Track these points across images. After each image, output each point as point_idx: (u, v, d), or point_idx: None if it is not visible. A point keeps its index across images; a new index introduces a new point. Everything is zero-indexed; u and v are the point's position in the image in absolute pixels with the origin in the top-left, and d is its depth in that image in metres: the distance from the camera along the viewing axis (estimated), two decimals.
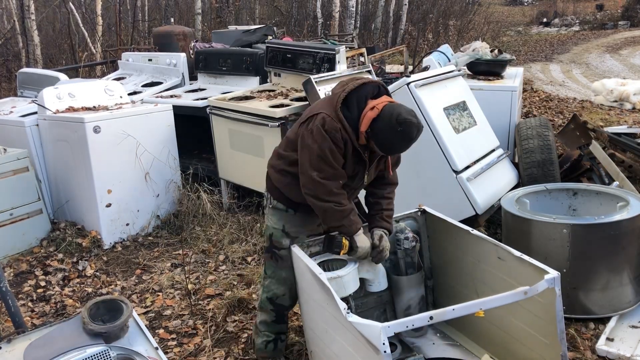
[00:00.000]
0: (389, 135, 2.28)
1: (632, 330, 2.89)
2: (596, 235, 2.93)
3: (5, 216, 4.17)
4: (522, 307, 2.23)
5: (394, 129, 2.25)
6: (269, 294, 2.64)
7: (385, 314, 2.87)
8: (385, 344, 1.81)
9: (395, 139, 2.28)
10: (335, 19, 13.53)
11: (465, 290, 2.64)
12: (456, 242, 2.65)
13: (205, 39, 10.10)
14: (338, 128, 2.30)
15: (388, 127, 2.26)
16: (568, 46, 15.93)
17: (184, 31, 7.77)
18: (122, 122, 4.31)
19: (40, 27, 11.20)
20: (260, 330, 2.71)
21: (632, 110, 7.55)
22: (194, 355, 2.97)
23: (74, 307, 3.52)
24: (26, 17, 9.55)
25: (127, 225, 4.45)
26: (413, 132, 2.26)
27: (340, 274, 2.40)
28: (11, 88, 8.75)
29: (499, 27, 19.68)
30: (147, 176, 4.49)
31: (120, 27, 11.31)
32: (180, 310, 3.41)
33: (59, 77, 5.72)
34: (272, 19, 15.29)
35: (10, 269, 3.97)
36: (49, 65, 10.00)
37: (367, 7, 17.37)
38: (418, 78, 3.83)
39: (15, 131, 4.60)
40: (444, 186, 3.66)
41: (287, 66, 5.05)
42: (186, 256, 4.03)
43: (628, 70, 11.33)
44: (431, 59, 5.84)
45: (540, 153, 4.01)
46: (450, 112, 3.86)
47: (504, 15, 26.20)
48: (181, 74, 6.07)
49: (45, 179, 4.63)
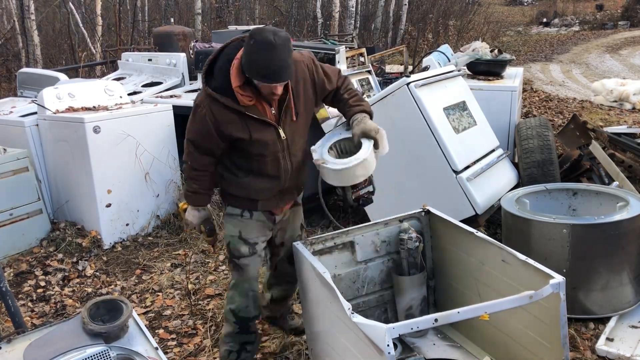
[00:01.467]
0: (249, 57, 2.14)
1: (632, 330, 2.89)
2: (596, 235, 2.93)
3: (5, 216, 4.16)
4: (525, 310, 2.22)
5: (251, 48, 2.12)
6: (232, 306, 2.55)
7: (386, 313, 2.87)
8: (389, 345, 1.81)
9: (256, 55, 2.12)
10: (335, 19, 13.53)
11: (467, 292, 2.63)
12: (460, 244, 2.64)
13: (205, 39, 10.10)
14: (203, 104, 2.28)
15: (246, 53, 2.15)
16: (568, 46, 15.94)
17: (184, 31, 7.77)
18: (122, 122, 4.31)
19: (40, 27, 11.19)
20: (225, 341, 2.64)
21: (632, 110, 7.55)
22: (194, 355, 2.96)
23: (73, 307, 3.52)
24: (26, 17, 9.55)
25: (127, 225, 4.45)
26: (268, 36, 2.10)
27: (362, 156, 2.32)
28: (11, 88, 8.75)
29: (499, 27, 19.69)
30: (147, 176, 4.49)
31: (120, 27, 11.31)
32: (180, 310, 3.41)
33: (59, 77, 5.72)
34: (272, 19, 15.30)
35: (10, 269, 3.97)
36: (49, 65, 10.00)
37: (367, 7, 17.37)
38: (418, 78, 3.83)
39: (15, 131, 4.60)
40: (443, 186, 3.66)
41: None
42: (186, 256, 4.03)
43: (628, 70, 11.33)
44: (431, 59, 5.84)
45: (540, 153, 4.01)
46: (450, 112, 3.86)
47: (504, 15, 26.18)
48: (181, 74, 6.07)
49: (45, 179, 4.62)
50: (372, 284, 2.77)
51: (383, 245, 2.74)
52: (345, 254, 2.67)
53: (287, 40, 2.16)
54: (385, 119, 3.61)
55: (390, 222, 2.74)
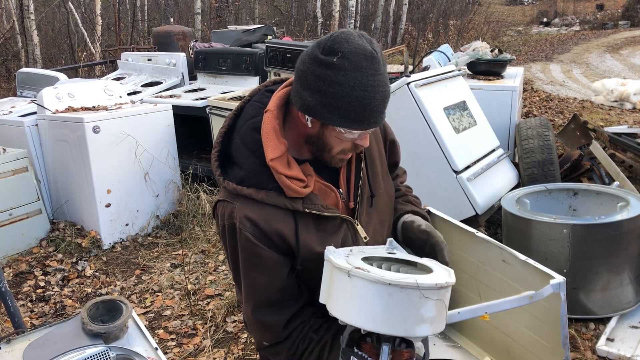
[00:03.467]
0: (332, 88, 1.21)
1: (633, 330, 2.88)
2: (596, 236, 2.92)
3: (5, 216, 4.16)
4: (525, 310, 2.22)
5: (334, 70, 1.20)
6: None
7: None
8: None
9: (351, 81, 1.20)
10: (335, 18, 13.53)
11: (467, 292, 2.62)
12: (460, 244, 2.64)
13: (205, 39, 10.10)
14: (233, 215, 1.33)
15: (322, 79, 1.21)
16: (568, 46, 15.93)
17: (184, 31, 7.78)
18: (121, 122, 4.30)
19: (40, 26, 11.19)
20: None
21: (633, 110, 7.54)
22: (194, 355, 2.96)
23: (73, 308, 3.51)
24: (25, 17, 9.56)
25: (126, 225, 4.44)
26: (364, 45, 1.21)
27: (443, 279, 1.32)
28: (10, 88, 8.75)
29: (499, 27, 19.69)
30: (146, 176, 4.49)
31: (120, 27, 11.31)
32: (180, 310, 3.41)
33: (59, 77, 5.72)
34: (272, 19, 15.29)
35: (9, 269, 3.97)
36: (48, 65, 10.01)
37: (367, 7, 17.38)
38: (418, 78, 3.83)
39: (14, 131, 4.59)
40: (444, 186, 3.66)
41: (287, 66, 5.04)
42: (186, 256, 4.03)
43: (628, 70, 11.32)
44: (431, 59, 5.83)
45: (541, 153, 4.01)
46: (450, 112, 3.85)
47: (504, 15, 26.19)
48: (181, 73, 6.07)
49: (44, 179, 4.62)
50: None
51: None
52: None
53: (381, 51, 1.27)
54: (385, 118, 3.61)
55: None
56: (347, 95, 1.20)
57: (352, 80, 1.19)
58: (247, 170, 1.33)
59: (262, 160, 1.31)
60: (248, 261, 1.35)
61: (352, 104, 1.21)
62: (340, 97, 1.21)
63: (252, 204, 1.32)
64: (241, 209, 1.32)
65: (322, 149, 1.34)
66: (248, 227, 1.31)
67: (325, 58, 1.21)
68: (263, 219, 1.32)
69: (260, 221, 1.31)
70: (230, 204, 1.34)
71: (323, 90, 1.22)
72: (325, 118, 1.25)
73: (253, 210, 1.32)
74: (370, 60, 1.20)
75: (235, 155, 1.36)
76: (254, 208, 1.32)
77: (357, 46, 1.20)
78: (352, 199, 1.45)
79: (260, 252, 1.33)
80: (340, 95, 1.20)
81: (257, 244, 1.32)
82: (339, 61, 1.19)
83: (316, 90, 1.23)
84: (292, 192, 1.32)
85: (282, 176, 1.30)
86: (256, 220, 1.31)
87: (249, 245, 1.33)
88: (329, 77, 1.20)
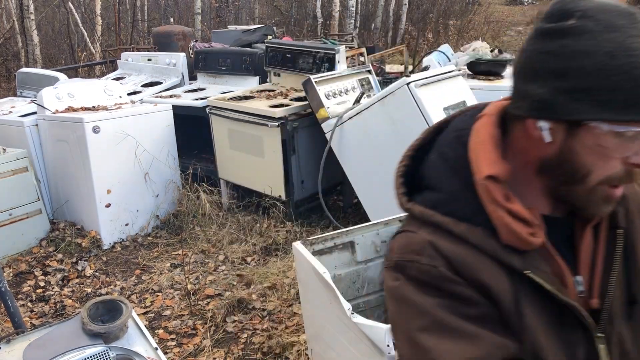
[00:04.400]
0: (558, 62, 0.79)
1: None
2: None
3: (5, 216, 4.16)
4: None
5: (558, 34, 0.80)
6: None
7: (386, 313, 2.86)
8: (390, 345, 1.81)
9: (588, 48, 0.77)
10: (335, 18, 13.53)
11: None
12: None
13: (205, 39, 10.10)
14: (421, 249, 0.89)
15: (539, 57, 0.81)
16: None
17: (184, 31, 7.78)
18: (121, 122, 4.30)
19: (40, 26, 11.19)
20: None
21: None
22: (194, 355, 2.96)
23: (73, 308, 3.51)
24: (25, 17, 9.55)
25: (126, 225, 4.44)
26: (618, 3, 0.83)
27: None
28: (10, 88, 8.75)
29: (499, 27, 19.68)
30: (146, 176, 4.49)
31: (120, 27, 11.31)
32: (180, 310, 3.41)
33: (58, 77, 5.71)
34: (272, 19, 15.29)
35: (9, 269, 3.97)
36: (48, 65, 10.00)
37: (367, 7, 17.37)
38: (418, 78, 3.83)
39: (14, 131, 4.59)
40: None
41: (287, 66, 5.04)
42: (186, 256, 4.03)
43: None
44: (431, 59, 5.83)
45: None
46: (450, 112, 3.85)
47: (504, 15, 26.17)
48: (181, 73, 6.07)
49: (44, 179, 4.62)
50: (372, 284, 2.77)
51: (383, 246, 2.73)
52: (345, 254, 2.67)
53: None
54: (385, 118, 3.61)
55: (391, 222, 2.73)
56: (605, 67, 0.76)
57: (607, 44, 0.76)
58: (445, 192, 0.91)
59: (467, 181, 0.88)
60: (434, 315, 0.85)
61: (615, 77, 0.76)
62: (592, 71, 0.77)
63: (447, 238, 0.88)
64: (429, 237, 0.89)
65: (571, 177, 0.84)
66: (439, 261, 0.86)
67: (555, 25, 0.80)
68: (461, 261, 0.86)
69: (456, 261, 0.86)
70: (412, 233, 0.92)
71: (561, 70, 0.79)
72: (573, 111, 0.78)
73: (448, 247, 0.87)
74: (627, 17, 0.78)
75: (429, 175, 0.95)
76: (449, 244, 0.87)
77: (602, 2, 0.80)
78: (597, 295, 0.89)
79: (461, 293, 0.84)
80: (592, 69, 0.77)
81: (455, 279, 0.85)
82: (579, 22, 0.78)
83: (550, 73, 0.80)
84: (511, 237, 0.84)
85: (498, 208, 0.84)
86: (452, 260, 0.86)
87: (439, 283, 0.85)
88: (567, 47, 0.78)
